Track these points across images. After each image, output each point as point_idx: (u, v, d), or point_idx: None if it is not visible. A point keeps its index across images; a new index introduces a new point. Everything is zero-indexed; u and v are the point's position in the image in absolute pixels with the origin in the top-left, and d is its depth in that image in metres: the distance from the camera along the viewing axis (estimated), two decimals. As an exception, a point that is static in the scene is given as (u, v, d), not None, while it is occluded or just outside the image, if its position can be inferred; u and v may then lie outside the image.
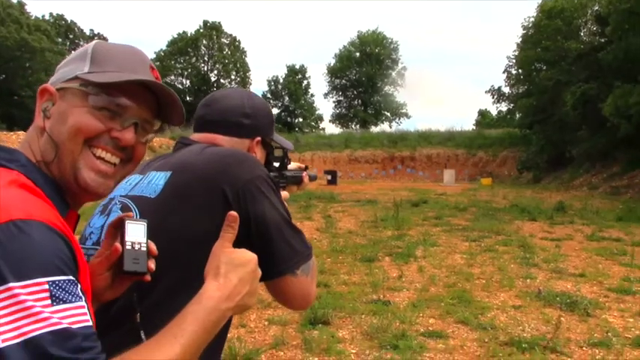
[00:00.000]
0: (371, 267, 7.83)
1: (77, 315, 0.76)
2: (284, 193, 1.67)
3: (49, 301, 0.73)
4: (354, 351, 4.70)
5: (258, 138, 1.55)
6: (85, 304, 0.79)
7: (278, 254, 1.28)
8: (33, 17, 48.04)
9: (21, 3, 46.31)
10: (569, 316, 5.63)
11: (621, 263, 8.26)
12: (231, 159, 1.31)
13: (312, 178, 2.08)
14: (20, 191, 0.84)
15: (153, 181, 1.31)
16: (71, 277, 0.78)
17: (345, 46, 64.90)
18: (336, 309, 5.74)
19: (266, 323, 5.44)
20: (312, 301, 1.42)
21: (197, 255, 1.21)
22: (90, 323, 0.78)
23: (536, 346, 4.72)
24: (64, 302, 0.75)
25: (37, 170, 0.94)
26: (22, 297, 0.71)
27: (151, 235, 1.23)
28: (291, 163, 1.89)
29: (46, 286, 0.74)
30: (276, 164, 1.74)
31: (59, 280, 0.76)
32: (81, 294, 0.79)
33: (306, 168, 1.99)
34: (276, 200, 1.31)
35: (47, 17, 52.87)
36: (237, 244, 1.25)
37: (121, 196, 1.35)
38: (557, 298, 6.12)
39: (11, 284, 0.71)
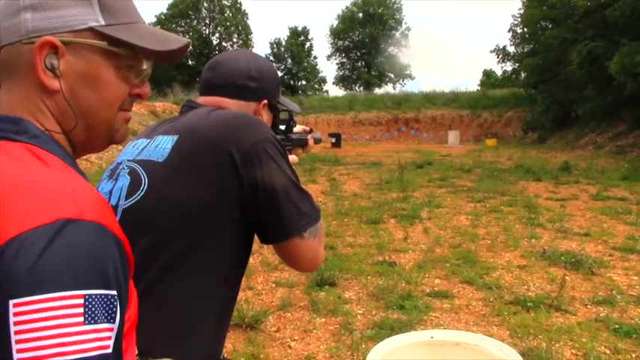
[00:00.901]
0: (376, 229, 7.87)
1: (102, 339, 0.64)
2: (292, 157, 1.68)
3: (81, 319, 0.62)
4: (360, 312, 4.76)
5: (265, 101, 1.54)
6: (117, 326, 0.67)
7: (286, 217, 1.28)
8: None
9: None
10: (573, 275, 5.67)
11: (626, 222, 8.27)
12: (238, 122, 1.31)
13: (317, 141, 2.08)
14: (59, 173, 0.74)
15: (160, 145, 1.31)
16: (114, 292, 0.67)
17: (347, 7, 63.89)
18: (342, 271, 5.80)
19: (273, 285, 5.50)
20: (320, 264, 1.43)
21: (206, 217, 1.23)
22: (109, 351, 0.65)
23: (541, 305, 4.77)
24: (96, 322, 0.64)
25: (52, 141, 0.81)
26: (52, 312, 0.61)
27: (160, 198, 1.24)
28: (297, 125, 1.89)
29: (82, 301, 0.63)
30: (282, 127, 1.74)
31: (98, 295, 0.65)
32: (118, 314, 0.67)
33: (311, 130, 1.99)
34: (283, 163, 1.31)
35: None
36: (245, 206, 1.26)
37: (128, 160, 1.35)
38: (562, 258, 6.15)
39: (43, 296, 0.61)
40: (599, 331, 4.28)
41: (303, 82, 66.50)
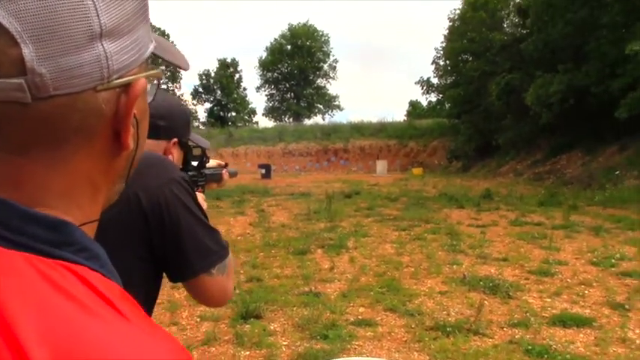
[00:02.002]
0: (303, 260, 7.92)
1: None
2: (200, 195, 1.70)
3: None
4: (285, 343, 4.76)
5: (175, 139, 1.56)
6: None
7: (192, 255, 1.29)
8: None
9: None
10: (491, 299, 5.88)
11: (542, 246, 8.66)
12: (143, 163, 1.32)
13: (233, 174, 2.13)
14: (147, 335, 0.46)
15: None
16: None
17: (276, 39, 64.83)
18: (268, 302, 5.79)
19: (198, 320, 5.43)
20: (229, 298, 1.45)
21: (110, 255, 1.23)
22: None
23: (460, 329, 4.92)
24: None
25: (93, 246, 0.53)
26: None
27: None
28: (210, 160, 1.92)
29: None
30: (195, 163, 1.77)
31: None
32: None
33: (226, 165, 2.03)
34: (190, 202, 1.32)
35: None
36: (151, 246, 1.27)
37: None
38: (481, 283, 6.38)
39: None
40: (513, 353, 4.45)
41: (233, 114, 66.46)
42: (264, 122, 67.65)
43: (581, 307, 5.61)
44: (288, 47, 63.32)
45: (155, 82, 0.65)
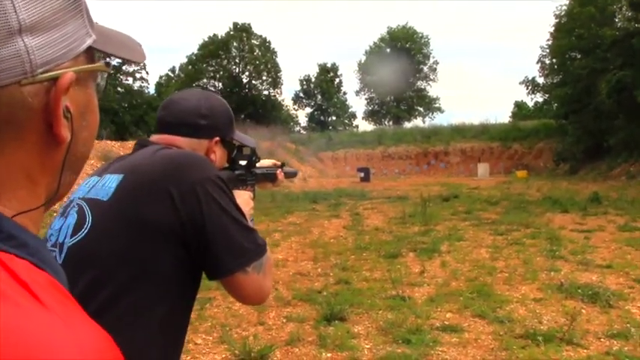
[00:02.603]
0: (394, 263, 7.84)
1: None
2: (247, 193, 1.72)
3: None
4: (367, 346, 4.73)
5: (217, 138, 1.57)
6: None
7: (227, 253, 1.30)
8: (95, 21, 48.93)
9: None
10: (590, 308, 5.56)
11: (651, 253, 8.09)
12: (180, 161, 1.33)
13: (291, 175, 2.13)
14: (60, 320, 0.46)
15: (106, 184, 1.33)
16: None
17: (375, 43, 64.74)
18: (353, 305, 5.78)
19: (284, 320, 5.51)
20: (266, 296, 1.43)
21: (145, 256, 1.24)
22: None
23: (553, 339, 4.68)
24: None
25: (24, 234, 0.53)
26: None
27: (101, 236, 1.29)
28: (266, 160, 1.94)
29: None
30: (243, 162, 1.78)
31: None
32: None
33: (283, 165, 2.03)
34: (224, 200, 1.32)
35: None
36: (186, 244, 1.29)
37: (79, 198, 1.37)
38: (579, 290, 6.04)
39: None
40: (609, 365, 4.19)
41: (333, 118, 67.05)
42: (363, 126, 67.72)
43: (691, 319, 5.18)
44: (388, 50, 63.06)
45: (105, 75, 0.65)
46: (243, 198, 1.65)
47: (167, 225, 1.25)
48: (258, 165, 1.86)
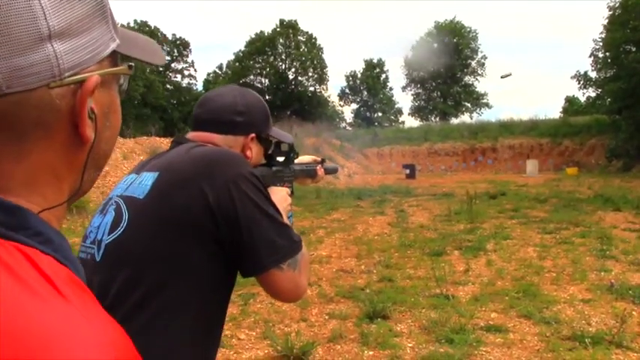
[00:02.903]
0: (438, 261, 7.76)
1: None
2: (284, 189, 1.73)
3: None
4: (409, 345, 4.71)
5: (253, 134, 1.58)
6: None
7: (261, 250, 1.30)
8: (119, 25, 50.15)
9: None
10: (642, 310, 5.40)
11: None
12: (213, 158, 1.34)
13: (332, 171, 2.12)
14: (83, 317, 0.49)
15: (143, 182, 1.35)
16: None
17: (422, 37, 64.07)
18: (396, 303, 5.76)
19: (326, 317, 5.53)
20: (302, 293, 1.43)
21: (181, 253, 1.26)
22: None
23: (601, 341, 4.56)
24: None
25: (49, 230, 0.57)
26: None
27: (137, 234, 1.32)
28: (305, 156, 1.94)
29: None
30: (281, 158, 1.79)
31: None
32: None
33: (323, 161, 2.03)
34: (258, 197, 1.33)
35: (132, 24, 54.89)
36: (220, 241, 1.31)
37: (117, 195, 1.40)
38: (630, 292, 5.86)
39: None
40: (660, 370, 4.06)
41: (379, 114, 66.73)
42: (409, 122, 67.22)
43: None
44: (435, 45, 62.31)
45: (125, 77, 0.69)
46: (280, 194, 1.66)
47: (200, 222, 1.26)
48: (297, 161, 1.86)
